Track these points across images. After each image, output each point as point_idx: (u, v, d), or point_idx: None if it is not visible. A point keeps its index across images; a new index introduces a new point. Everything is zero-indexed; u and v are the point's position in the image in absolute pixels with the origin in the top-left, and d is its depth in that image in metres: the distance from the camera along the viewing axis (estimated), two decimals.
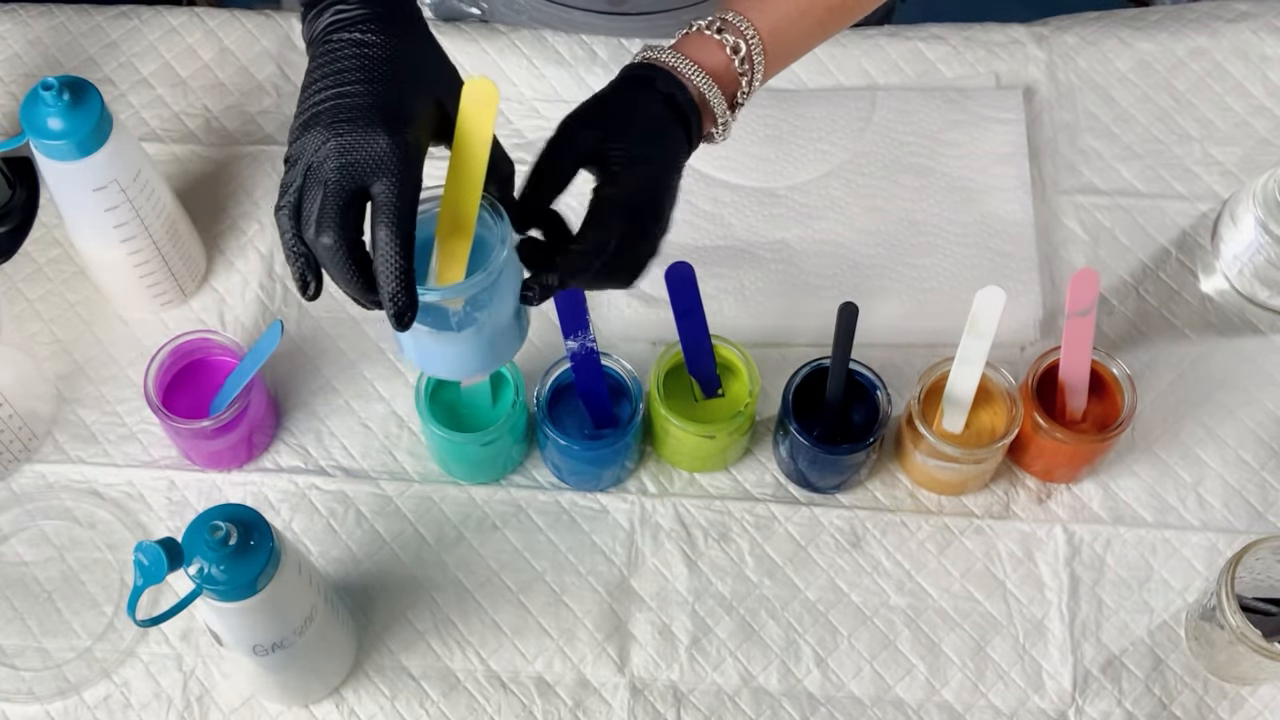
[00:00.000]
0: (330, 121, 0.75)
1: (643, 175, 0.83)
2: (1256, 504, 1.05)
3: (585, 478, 1.05)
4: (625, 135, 0.83)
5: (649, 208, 0.84)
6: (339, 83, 0.76)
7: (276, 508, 1.05)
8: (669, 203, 0.86)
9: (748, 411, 1.00)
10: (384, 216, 0.73)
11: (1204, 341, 1.11)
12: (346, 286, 0.75)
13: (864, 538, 1.04)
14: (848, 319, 0.95)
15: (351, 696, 0.99)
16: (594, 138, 0.83)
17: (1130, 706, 1.00)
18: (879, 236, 1.12)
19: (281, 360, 1.06)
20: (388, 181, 0.74)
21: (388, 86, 0.76)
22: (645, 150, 0.83)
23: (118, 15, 1.22)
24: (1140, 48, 1.21)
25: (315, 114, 0.75)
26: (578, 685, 1.00)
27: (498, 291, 0.79)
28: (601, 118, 0.84)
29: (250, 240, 1.14)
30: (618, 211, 0.82)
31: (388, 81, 0.76)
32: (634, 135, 0.83)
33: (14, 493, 1.05)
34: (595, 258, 0.82)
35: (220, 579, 0.80)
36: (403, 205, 0.74)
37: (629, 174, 0.83)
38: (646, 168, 0.83)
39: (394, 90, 0.76)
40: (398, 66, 0.77)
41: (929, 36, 1.21)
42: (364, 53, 0.77)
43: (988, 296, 0.96)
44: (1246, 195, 1.08)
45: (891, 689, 1.00)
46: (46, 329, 1.10)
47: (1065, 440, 1.00)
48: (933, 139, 1.16)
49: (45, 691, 0.99)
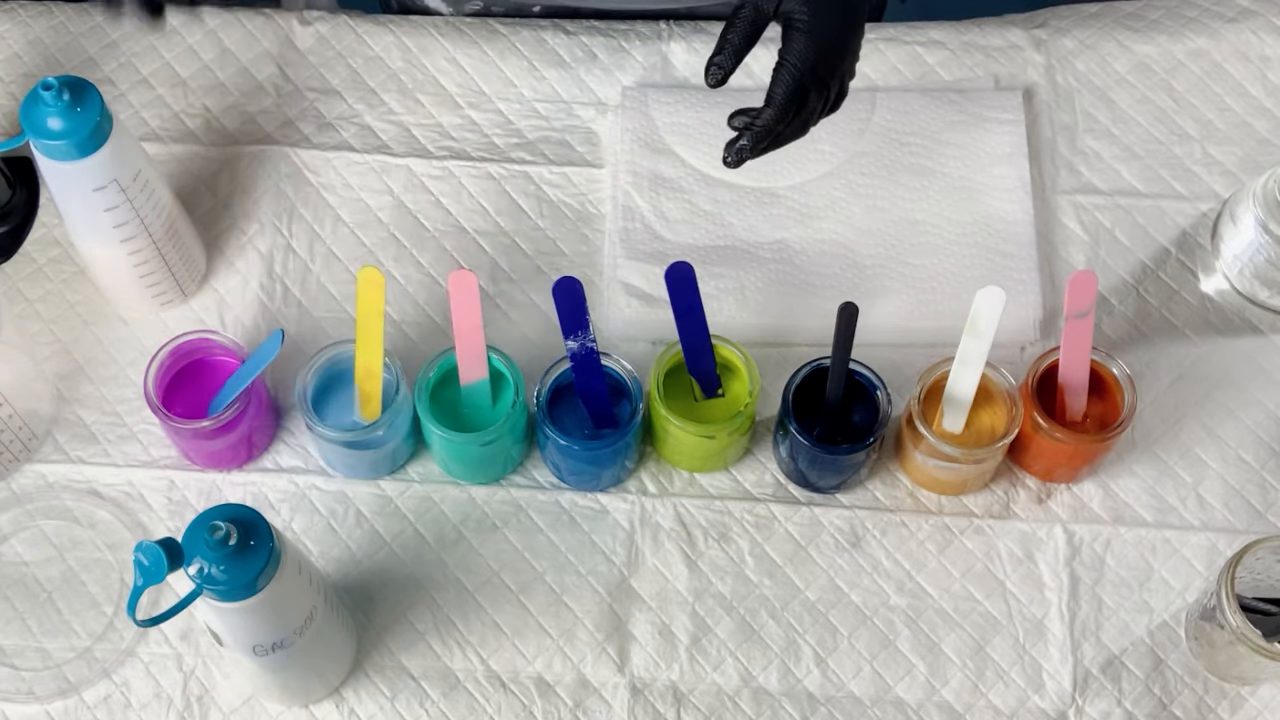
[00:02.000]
0: None
1: (818, 42, 0.92)
2: (1256, 504, 1.05)
3: (585, 478, 1.05)
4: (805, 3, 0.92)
5: (825, 70, 0.93)
6: None
7: (276, 508, 1.05)
8: (849, 64, 0.95)
9: (748, 411, 1.00)
10: None
11: (1204, 341, 1.11)
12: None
13: (864, 538, 1.04)
14: (848, 319, 0.95)
15: (351, 696, 1.00)
16: (772, 6, 0.93)
17: (1130, 706, 1.00)
18: (879, 236, 1.12)
19: (281, 360, 1.06)
20: None
21: None
22: (821, 18, 0.92)
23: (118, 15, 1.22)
24: (1139, 50, 1.21)
25: None
26: (578, 685, 1.00)
27: (398, 418, 1.02)
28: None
29: (250, 240, 1.14)
30: (793, 81, 0.92)
31: None
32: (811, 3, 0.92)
33: (14, 493, 1.05)
34: (778, 124, 0.92)
35: (220, 579, 0.80)
36: None
37: (805, 40, 0.92)
38: (822, 34, 0.92)
39: None
40: None
41: (928, 41, 1.21)
42: None
43: (988, 296, 0.96)
44: (1246, 195, 1.08)
45: (891, 689, 1.00)
46: (46, 329, 1.10)
47: (1065, 440, 1.00)
48: (932, 139, 1.16)
49: (45, 691, 0.99)
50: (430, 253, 1.13)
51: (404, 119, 1.18)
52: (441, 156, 1.17)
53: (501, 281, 1.12)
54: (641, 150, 1.15)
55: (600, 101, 1.19)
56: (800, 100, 0.93)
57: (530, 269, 1.13)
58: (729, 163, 0.94)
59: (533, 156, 1.17)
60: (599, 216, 1.15)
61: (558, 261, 1.13)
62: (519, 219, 1.15)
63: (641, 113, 1.17)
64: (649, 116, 1.16)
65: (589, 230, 1.14)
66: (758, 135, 0.93)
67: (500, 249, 1.13)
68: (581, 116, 1.19)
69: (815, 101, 0.94)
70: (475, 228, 1.14)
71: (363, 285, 0.97)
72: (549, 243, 1.14)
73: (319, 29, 1.21)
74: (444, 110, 1.19)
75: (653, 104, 1.17)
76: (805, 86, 0.92)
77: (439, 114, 1.19)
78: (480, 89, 1.20)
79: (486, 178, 1.16)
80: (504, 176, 1.16)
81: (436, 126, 1.18)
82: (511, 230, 1.14)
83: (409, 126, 1.18)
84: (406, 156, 1.17)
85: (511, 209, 1.15)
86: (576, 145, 1.17)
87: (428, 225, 1.14)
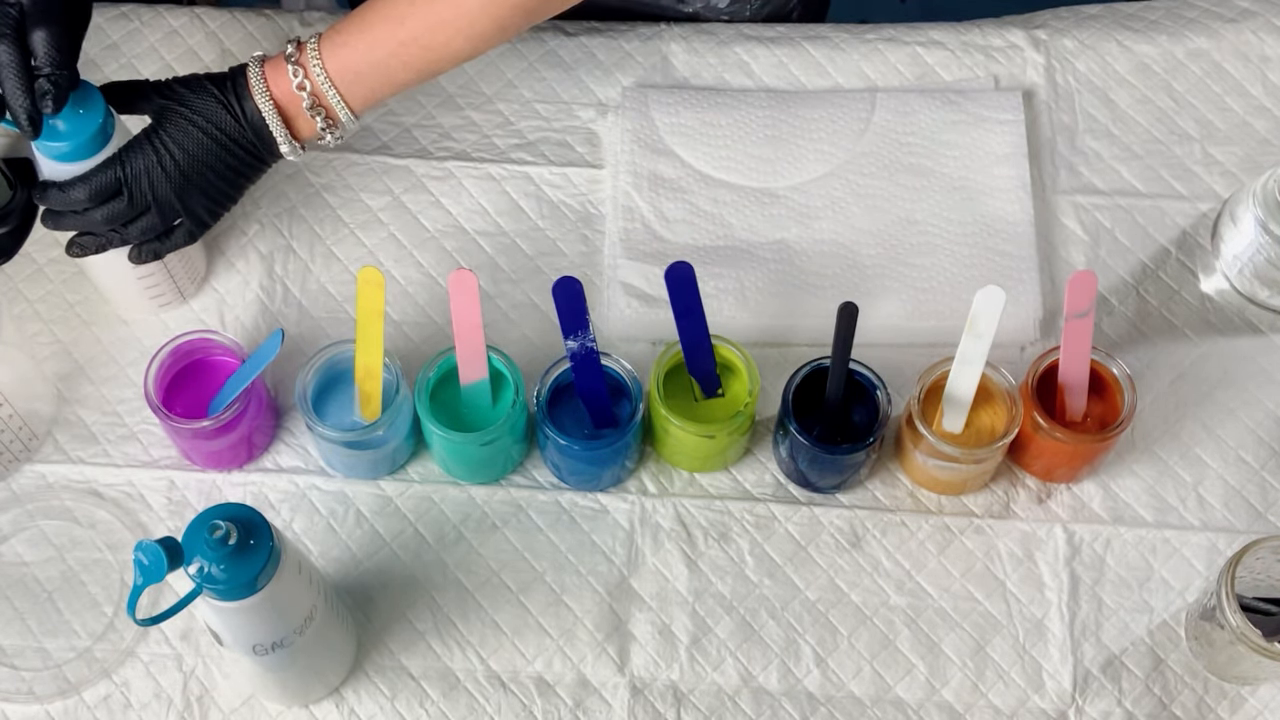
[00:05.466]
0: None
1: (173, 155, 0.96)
2: (1256, 504, 1.05)
3: (585, 478, 1.05)
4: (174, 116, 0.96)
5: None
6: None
7: (276, 508, 1.05)
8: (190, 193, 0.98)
9: (748, 411, 1.00)
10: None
11: (1204, 341, 1.11)
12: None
13: (864, 538, 1.04)
14: (848, 319, 0.95)
15: (351, 696, 1.00)
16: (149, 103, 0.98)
17: (1130, 706, 1.00)
18: (879, 236, 1.12)
19: (281, 360, 1.06)
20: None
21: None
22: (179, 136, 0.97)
23: (118, 16, 1.22)
24: (1139, 50, 1.21)
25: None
26: (578, 685, 1.00)
27: (398, 418, 1.01)
28: (166, 92, 0.97)
29: (250, 240, 1.14)
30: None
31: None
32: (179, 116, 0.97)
33: (14, 493, 1.05)
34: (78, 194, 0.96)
35: (220, 579, 0.80)
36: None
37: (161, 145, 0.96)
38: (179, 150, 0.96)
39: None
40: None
41: (928, 41, 1.21)
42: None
43: (987, 296, 0.96)
44: (1246, 195, 1.08)
45: (891, 689, 1.00)
46: (47, 329, 1.11)
47: (1065, 440, 1.00)
48: (932, 139, 1.16)
49: (45, 691, 0.99)
50: (430, 253, 1.13)
51: (404, 119, 1.18)
52: (442, 157, 1.17)
53: (501, 281, 1.12)
54: (641, 151, 1.15)
55: (600, 102, 1.19)
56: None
57: (530, 269, 1.13)
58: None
59: (533, 157, 1.17)
60: (599, 217, 1.15)
61: (558, 261, 1.13)
62: (519, 219, 1.15)
63: (641, 113, 1.17)
64: (649, 117, 1.17)
65: (589, 230, 1.14)
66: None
67: (500, 249, 1.13)
68: (581, 117, 1.19)
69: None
70: (475, 228, 1.14)
71: (363, 285, 0.97)
72: (549, 243, 1.14)
73: (319, 30, 1.21)
74: (444, 111, 1.19)
75: (653, 104, 1.17)
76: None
77: (439, 114, 1.19)
78: (480, 89, 1.20)
79: (486, 178, 1.16)
80: (504, 177, 1.16)
81: (437, 127, 1.18)
82: (511, 230, 1.14)
83: (409, 127, 1.18)
84: (407, 157, 1.17)
85: (511, 209, 1.15)
86: (576, 146, 1.17)
87: (428, 225, 1.14)
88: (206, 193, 0.98)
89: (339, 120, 0.99)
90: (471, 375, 1.01)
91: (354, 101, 0.99)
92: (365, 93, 0.99)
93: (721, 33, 1.22)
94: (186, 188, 0.97)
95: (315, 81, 0.97)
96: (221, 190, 0.99)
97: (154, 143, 0.96)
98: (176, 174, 0.96)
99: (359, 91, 0.98)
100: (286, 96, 0.98)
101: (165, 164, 0.96)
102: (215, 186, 0.98)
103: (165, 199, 0.97)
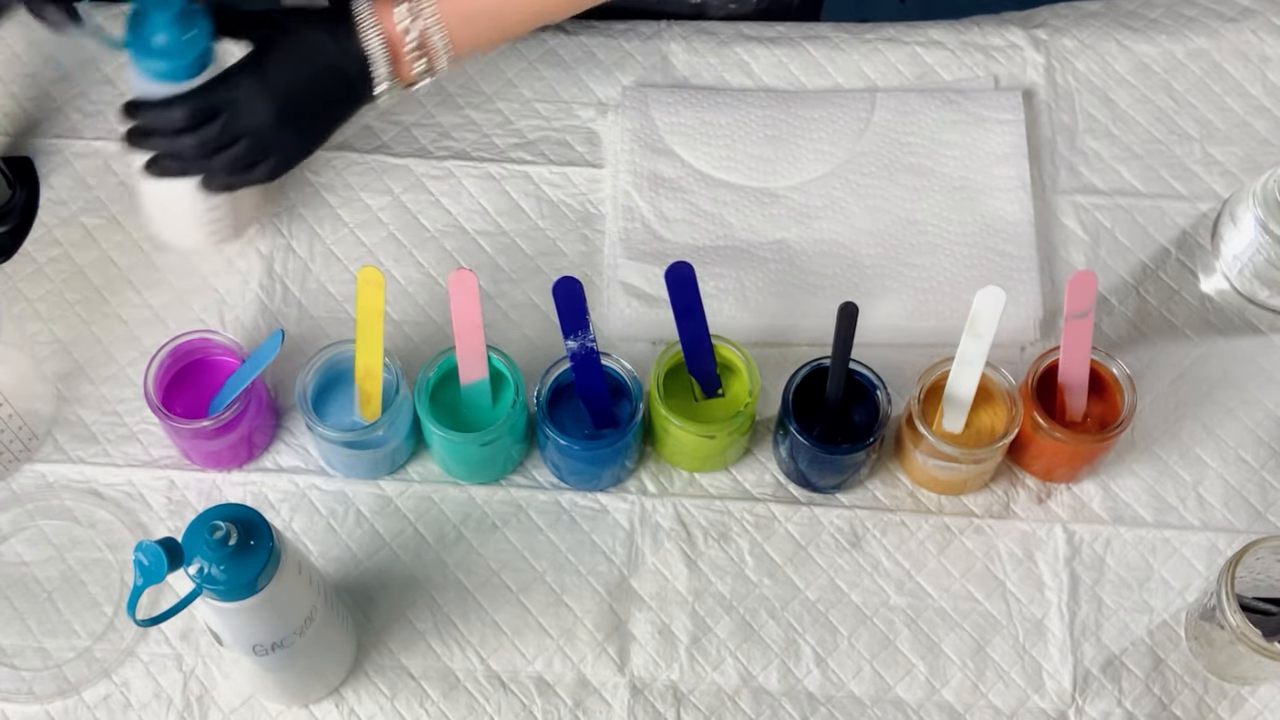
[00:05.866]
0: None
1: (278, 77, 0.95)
2: (1256, 504, 1.05)
3: (585, 478, 1.05)
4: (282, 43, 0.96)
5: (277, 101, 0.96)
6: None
7: (276, 508, 1.05)
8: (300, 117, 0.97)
9: (748, 411, 1.00)
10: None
11: (1204, 341, 1.11)
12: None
13: (864, 537, 1.04)
14: (848, 319, 0.95)
15: (351, 696, 1.00)
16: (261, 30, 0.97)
17: (1130, 706, 1.00)
18: (879, 236, 1.12)
19: (281, 360, 1.06)
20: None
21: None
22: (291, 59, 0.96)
23: (117, 15, 1.22)
24: (1139, 50, 1.21)
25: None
26: (578, 685, 1.00)
27: (398, 418, 1.01)
28: (274, 20, 0.97)
29: (250, 240, 1.14)
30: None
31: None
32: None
33: (14, 493, 1.05)
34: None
35: (220, 579, 0.80)
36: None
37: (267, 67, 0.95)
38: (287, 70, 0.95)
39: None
40: None
41: (928, 41, 1.21)
42: None
43: (987, 297, 0.96)
44: (1246, 195, 1.08)
45: (891, 689, 1.00)
46: (46, 329, 1.10)
47: (1065, 440, 1.00)
48: (932, 139, 1.16)
49: (45, 691, 0.99)
50: (430, 253, 1.13)
51: (404, 119, 1.18)
52: (441, 156, 1.17)
53: (501, 281, 1.12)
54: (641, 150, 1.15)
55: (600, 101, 1.19)
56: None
57: (530, 269, 1.13)
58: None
59: (533, 156, 1.17)
60: (599, 216, 1.15)
61: (558, 261, 1.13)
62: (519, 219, 1.15)
63: (641, 113, 1.17)
64: (649, 116, 1.17)
65: (589, 230, 1.14)
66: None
67: (500, 249, 1.13)
68: (581, 116, 1.19)
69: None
70: (475, 228, 1.14)
71: (363, 285, 0.97)
72: (549, 243, 1.14)
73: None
74: (444, 110, 1.19)
75: (653, 104, 1.17)
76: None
77: (439, 114, 1.19)
78: (480, 88, 1.20)
79: (486, 178, 1.16)
80: (504, 176, 1.16)
81: (436, 126, 1.18)
82: (511, 230, 1.14)
83: (409, 126, 1.18)
84: (406, 156, 1.17)
85: (511, 209, 1.15)
86: (576, 145, 1.17)
87: (428, 225, 1.14)
88: (300, 128, 0.97)
89: (435, 66, 0.99)
90: (471, 375, 1.01)
91: (459, 46, 0.98)
92: (471, 37, 0.98)
93: (721, 32, 1.22)
94: (283, 121, 0.96)
95: (426, 22, 0.96)
96: (314, 128, 0.98)
97: (257, 71, 0.94)
98: (276, 105, 0.95)
99: (466, 36, 0.98)
100: (392, 35, 0.97)
101: (267, 94, 0.94)
102: (309, 123, 0.97)
103: (260, 130, 0.95)
